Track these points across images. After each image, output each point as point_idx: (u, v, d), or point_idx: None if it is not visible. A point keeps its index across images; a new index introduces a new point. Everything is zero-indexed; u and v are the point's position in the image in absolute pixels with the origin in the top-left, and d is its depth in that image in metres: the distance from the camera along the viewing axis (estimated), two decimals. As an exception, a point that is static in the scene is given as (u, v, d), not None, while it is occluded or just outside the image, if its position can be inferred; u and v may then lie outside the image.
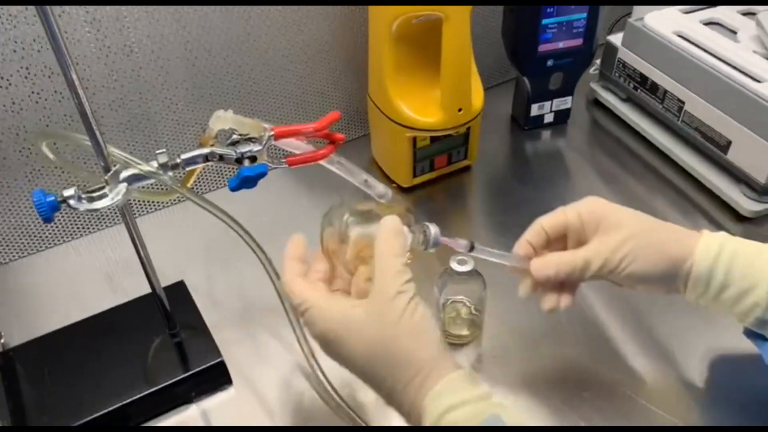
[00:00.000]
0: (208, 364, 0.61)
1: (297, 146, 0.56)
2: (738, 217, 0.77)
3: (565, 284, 0.55)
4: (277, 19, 0.77)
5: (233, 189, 0.52)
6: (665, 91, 0.82)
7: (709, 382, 0.61)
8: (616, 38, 0.89)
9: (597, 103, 0.96)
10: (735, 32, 0.82)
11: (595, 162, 0.88)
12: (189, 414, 0.60)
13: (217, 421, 0.59)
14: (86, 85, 0.69)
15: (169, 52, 0.72)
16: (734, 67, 0.75)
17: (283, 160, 0.55)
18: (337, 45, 0.83)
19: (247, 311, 0.69)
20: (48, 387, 0.59)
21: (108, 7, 0.66)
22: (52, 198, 0.49)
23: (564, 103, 0.90)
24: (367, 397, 0.59)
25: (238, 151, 0.53)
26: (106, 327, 0.65)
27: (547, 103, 0.89)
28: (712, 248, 0.51)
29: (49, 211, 0.49)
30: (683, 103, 0.80)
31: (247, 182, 0.51)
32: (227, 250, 0.75)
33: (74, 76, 0.45)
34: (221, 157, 0.54)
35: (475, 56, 0.77)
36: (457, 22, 0.68)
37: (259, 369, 0.64)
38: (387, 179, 0.84)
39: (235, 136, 0.55)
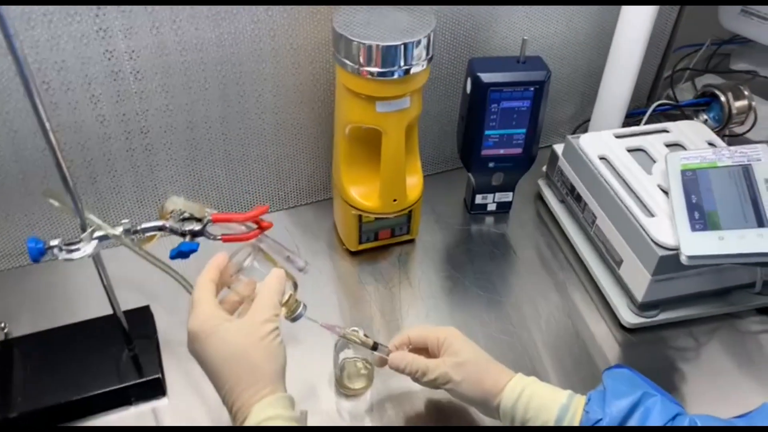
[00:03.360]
0: (148, 378, 0.78)
1: (233, 227, 0.73)
2: (621, 325, 0.90)
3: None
4: (269, 100, 0.94)
5: (171, 257, 0.70)
6: (585, 204, 0.95)
7: None
8: (560, 147, 1.03)
9: (540, 198, 1.09)
10: (654, 162, 0.93)
11: (527, 249, 1.02)
12: (125, 414, 0.78)
13: (145, 422, 0.77)
14: (109, 143, 0.88)
15: (174, 122, 0.91)
16: (637, 198, 0.88)
17: (219, 237, 0.72)
18: (314, 126, 0.99)
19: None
20: (29, 374, 0.78)
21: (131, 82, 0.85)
22: (42, 245, 0.68)
23: (506, 196, 1.04)
24: None
25: (183, 228, 0.71)
26: (86, 333, 0.83)
27: (490, 195, 1.03)
28: (516, 390, 0.67)
29: (38, 255, 0.68)
30: (595, 217, 0.93)
31: (181, 255, 0.69)
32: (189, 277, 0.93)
33: (61, 160, 0.63)
34: (171, 230, 0.71)
35: (439, 143, 0.94)
36: (393, 135, 0.83)
37: (196, 388, 0.80)
38: (340, 241, 1.01)
39: (186, 214, 0.72)
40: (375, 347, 0.74)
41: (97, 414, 0.78)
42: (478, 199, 1.04)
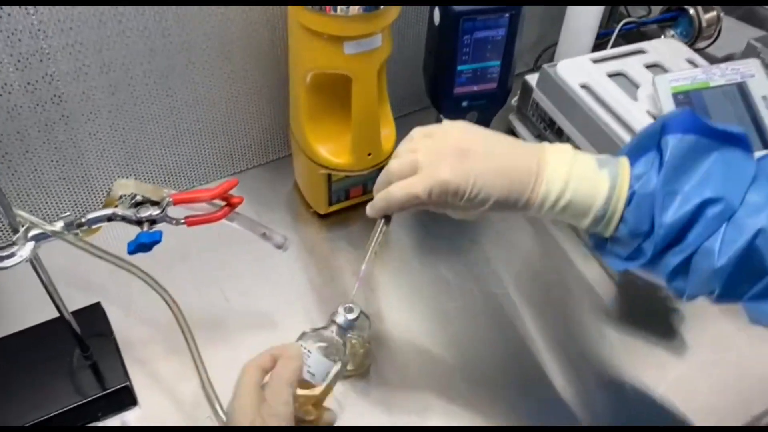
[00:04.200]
0: (114, 388, 0.68)
1: (197, 206, 0.62)
2: (618, 263, 0.85)
3: None
4: (201, 49, 0.81)
5: (130, 253, 0.58)
6: (568, 138, 0.89)
7: (617, 376, 0.72)
8: (532, 78, 0.95)
9: (513, 134, 1.01)
10: (637, 87, 0.87)
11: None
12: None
13: (119, 440, 0.67)
14: (19, 120, 0.74)
15: (93, 84, 0.76)
16: (628, 128, 0.81)
17: (182, 221, 0.61)
18: (259, 75, 0.87)
19: (164, 331, 0.75)
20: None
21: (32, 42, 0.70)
22: (-37, 256, 0.55)
23: (479, 137, 0.96)
24: None
25: (138, 215, 0.59)
26: (29, 344, 0.71)
27: (464, 137, 0.95)
28: (548, 202, 0.54)
29: (-40, 268, 0.55)
30: (581, 152, 0.87)
31: (142, 248, 0.57)
32: (149, 268, 0.81)
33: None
34: (124, 218, 0.59)
35: (405, 80, 0.81)
36: (364, 81, 0.73)
37: (167, 391, 0.71)
38: (306, 204, 0.90)
39: (138, 197, 0.60)
40: (388, 220, 0.60)
41: (59, 437, 0.67)
42: (451, 142, 0.95)
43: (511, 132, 1.03)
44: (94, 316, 0.73)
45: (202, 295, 0.79)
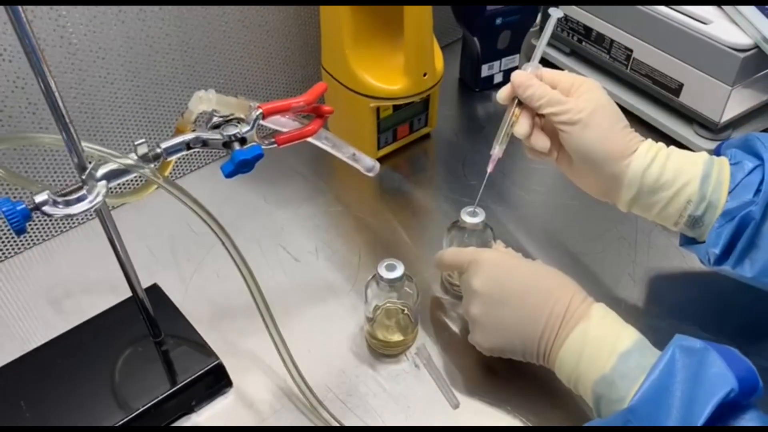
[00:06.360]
0: (205, 369, 0.56)
1: (282, 123, 0.53)
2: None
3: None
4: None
5: (228, 175, 0.48)
6: (611, 41, 0.84)
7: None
8: (555, -8, 0.90)
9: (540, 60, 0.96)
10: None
11: (547, 118, 0.89)
12: (192, 425, 0.55)
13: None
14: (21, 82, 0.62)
15: (107, 35, 0.66)
16: (679, 11, 0.77)
17: (273, 140, 0.51)
18: (283, 12, 0.78)
19: (229, 309, 0.64)
20: (28, 419, 0.53)
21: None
22: (23, 206, 0.43)
23: (512, 61, 0.90)
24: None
25: (225, 134, 0.49)
26: (79, 347, 0.58)
27: (496, 63, 0.89)
28: (651, 152, 0.56)
29: (22, 221, 0.43)
30: (631, 51, 0.82)
31: (244, 166, 0.47)
32: (195, 245, 0.70)
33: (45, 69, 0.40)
34: (205, 143, 0.49)
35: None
36: (420, -17, 0.65)
37: (253, 370, 0.60)
38: (348, 155, 0.81)
39: (216, 119, 0.50)
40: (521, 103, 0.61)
41: (150, 439, 0.54)
42: (485, 70, 0.89)
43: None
44: (156, 297, 0.62)
45: (267, 260, 0.69)
